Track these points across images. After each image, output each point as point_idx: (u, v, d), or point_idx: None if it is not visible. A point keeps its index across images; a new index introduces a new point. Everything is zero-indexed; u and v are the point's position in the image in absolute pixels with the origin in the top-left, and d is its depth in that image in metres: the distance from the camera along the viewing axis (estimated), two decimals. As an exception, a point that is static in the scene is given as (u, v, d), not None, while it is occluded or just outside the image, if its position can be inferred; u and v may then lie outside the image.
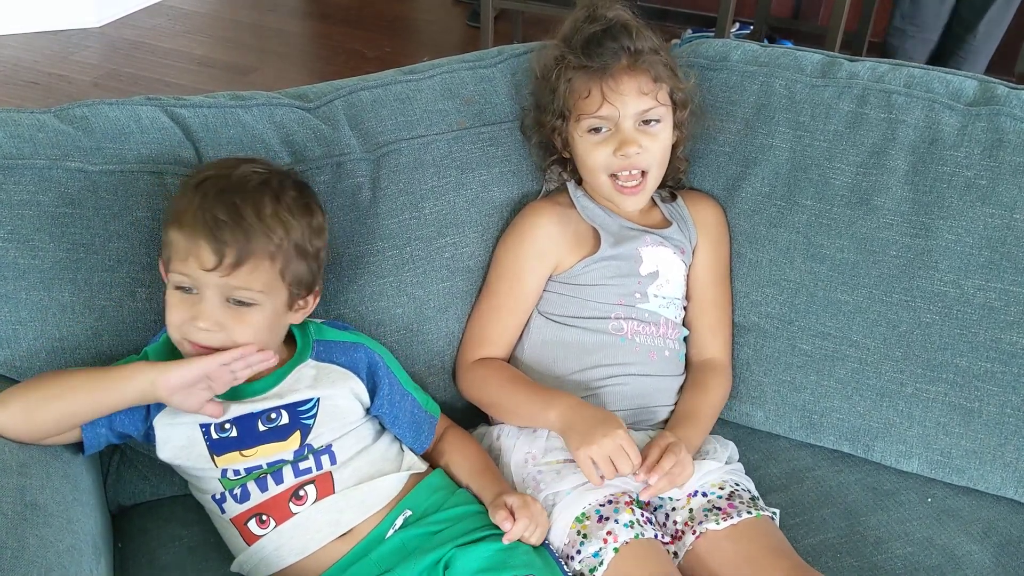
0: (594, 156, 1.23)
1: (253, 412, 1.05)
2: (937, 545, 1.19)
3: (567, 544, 1.10)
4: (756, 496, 1.20)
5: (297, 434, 1.06)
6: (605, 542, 1.07)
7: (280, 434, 1.06)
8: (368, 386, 1.13)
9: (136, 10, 4.01)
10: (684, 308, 1.33)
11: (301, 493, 1.05)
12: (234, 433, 1.05)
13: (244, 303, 1.00)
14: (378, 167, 1.26)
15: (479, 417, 1.31)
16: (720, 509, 1.14)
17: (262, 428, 1.05)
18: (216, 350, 1.00)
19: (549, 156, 1.32)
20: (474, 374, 1.27)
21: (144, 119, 1.17)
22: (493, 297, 1.29)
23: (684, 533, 1.14)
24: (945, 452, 1.27)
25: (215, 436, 1.04)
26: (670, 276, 1.29)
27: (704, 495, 1.17)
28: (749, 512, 1.13)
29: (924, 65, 1.37)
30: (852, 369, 1.30)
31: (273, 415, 1.06)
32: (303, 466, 1.06)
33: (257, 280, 1.00)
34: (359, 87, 1.31)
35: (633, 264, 1.27)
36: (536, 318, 1.29)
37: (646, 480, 1.10)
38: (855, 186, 1.29)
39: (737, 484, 1.19)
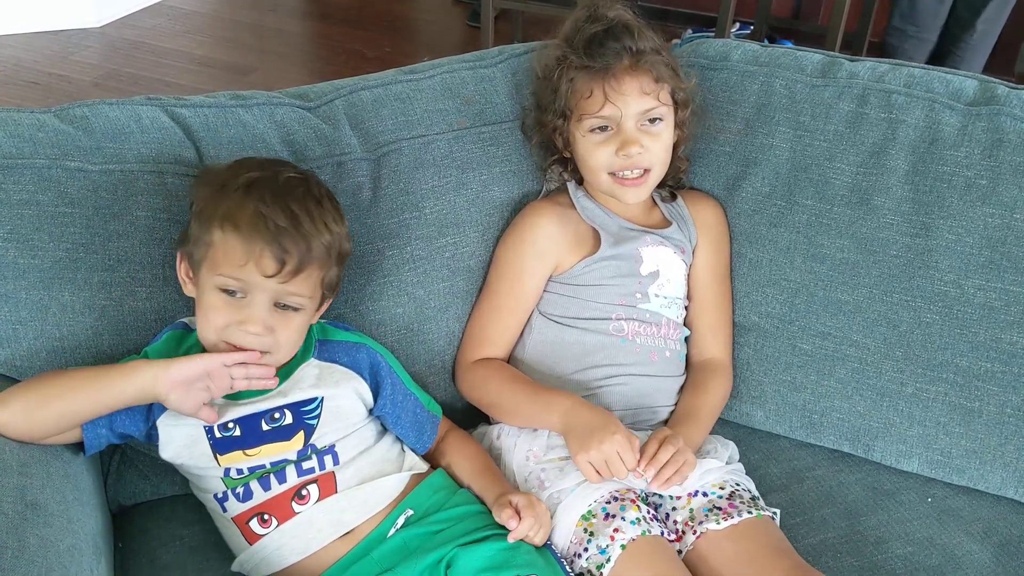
0: (596, 156, 1.23)
1: (256, 412, 1.05)
2: (937, 545, 1.19)
3: (574, 542, 1.10)
4: (756, 496, 1.20)
5: (301, 434, 1.06)
6: (612, 539, 1.07)
7: (284, 434, 1.06)
8: (371, 386, 1.13)
9: (136, 10, 4.01)
10: (685, 308, 1.33)
11: (304, 493, 1.05)
12: (237, 432, 1.05)
13: (290, 307, 1.02)
14: (379, 167, 1.26)
15: (479, 417, 1.31)
16: (721, 509, 1.14)
17: (265, 428, 1.05)
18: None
19: (550, 156, 1.32)
20: (474, 374, 1.27)
21: (144, 119, 1.17)
22: (493, 297, 1.29)
23: (685, 533, 1.14)
24: (945, 452, 1.27)
25: (218, 435, 1.04)
26: (671, 276, 1.29)
27: (705, 495, 1.17)
28: (750, 512, 1.13)
29: (924, 65, 1.37)
30: (852, 369, 1.30)
31: (277, 415, 1.06)
32: (306, 466, 1.06)
33: (307, 286, 1.02)
34: (360, 87, 1.32)
35: (633, 264, 1.27)
36: (537, 318, 1.29)
37: (644, 475, 1.10)
38: (855, 186, 1.29)
39: (738, 484, 1.19)
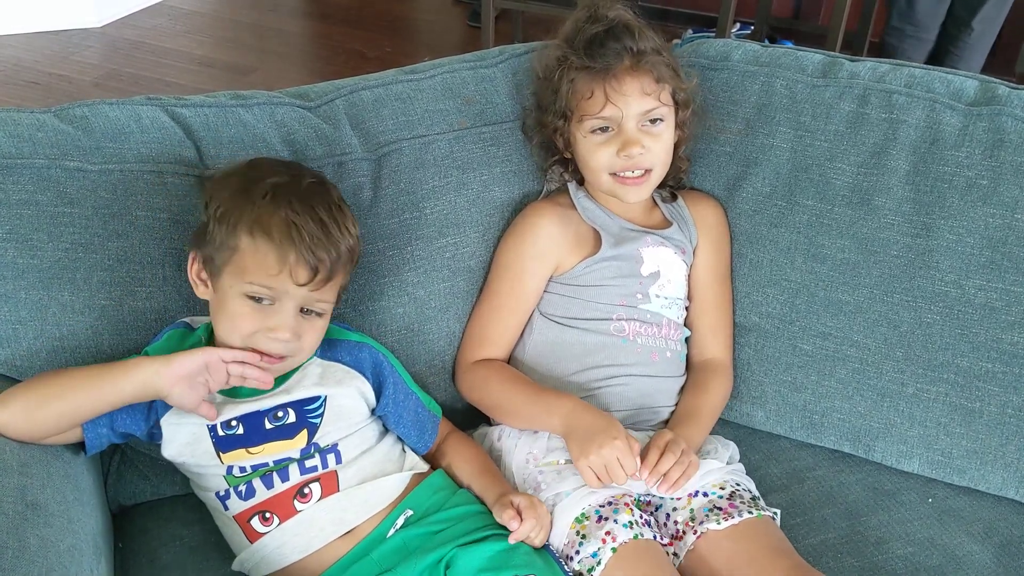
0: (597, 156, 1.23)
1: (260, 410, 1.06)
2: (938, 545, 1.19)
3: (566, 544, 1.10)
4: (757, 496, 1.20)
5: (304, 432, 1.06)
6: (604, 542, 1.07)
7: (287, 432, 1.06)
8: (374, 386, 1.13)
9: (137, 10, 4.01)
10: (685, 309, 1.33)
11: (306, 491, 1.06)
12: (240, 431, 1.05)
13: (314, 312, 1.04)
14: (379, 167, 1.26)
15: (480, 417, 1.31)
16: (721, 509, 1.14)
17: (269, 426, 1.06)
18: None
19: (550, 156, 1.32)
20: (474, 375, 1.27)
21: (144, 119, 1.17)
22: (494, 297, 1.29)
23: (685, 533, 1.14)
24: (946, 452, 1.27)
25: (221, 433, 1.05)
26: (671, 276, 1.29)
27: (705, 495, 1.16)
28: (750, 512, 1.13)
29: (925, 65, 1.37)
30: (853, 369, 1.30)
31: (280, 413, 1.06)
32: (309, 464, 1.06)
33: (333, 292, 1.06)
34: (360, 87, 1.31)
35: (634, 264, 1.27)
36: (538, 319, 1.28)
37: (647, 482, 1.11)
38: (856, 186, 1.29)
39: (738, 484, 1.19)
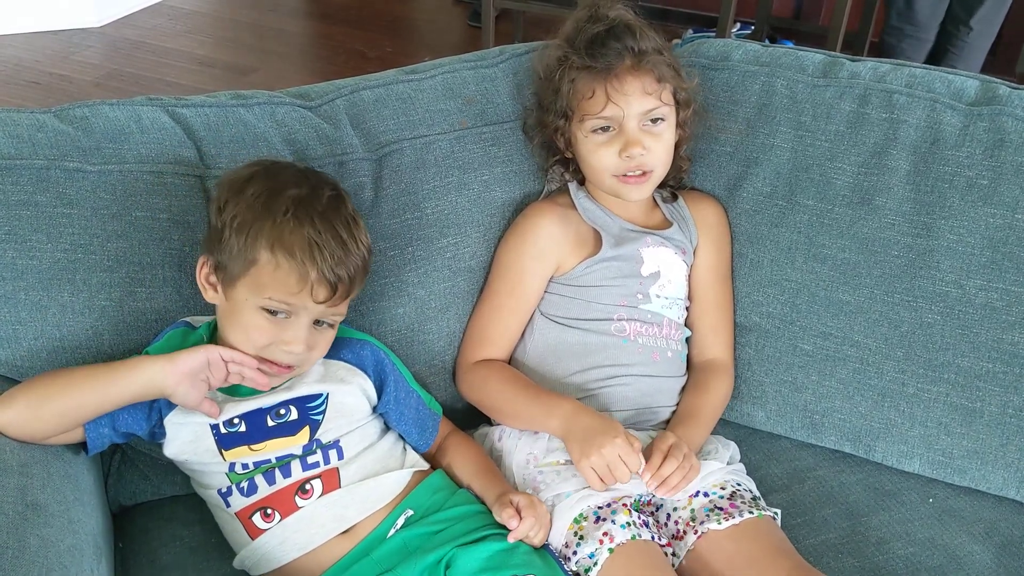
0: (598, 157, 1.23)
1: (262, 408, 1.06)
2: (939, 545, 1.19)
3: (564, 545, 1.10)
4: (757, 496, 1.20)
5: (306, 429, 1.07)
6: (601, 543, 1.07)
7: (289, 429, 1.06)
8: (375, 383, 1.13)
9: (137, 10, 4.02)
10: (686, 309, 1.33)
11: (307, 487, 1.06)
12: (243, 428, 1.05)
13: (327, 323, 1.05)
14: (380, 167, 1.26)
15: (480, 417, 1.31)
16: (722, 509, 1.14)
17: (271, 423, 1.06)
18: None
19: (551, 156, 1.32)
20: (475, 376, 1.27)
21: (145, 119, 1.17)
22: (494, 297, 1.29)
23: (686, 533, 1.14)
24: (947, 452, 1.27)
25: (223, 431, 1.05)
26: (671, 276, 1.29)
27: (705, 495, 1.16)
28: (751, 512, 1.13)
29: (925, 65, 1.37)
30: (853, 369, 1.30)
31: (282, 410, 1.06)
32: (311, 460, 1.06)
33: (347, 304, 1.06)
34: (361, 86, 1.31)
35: (634, 265, 1.27)
36: (538, 319, 1.28)
37: (647, 484, 1.11)
38: (856, 186, 1.29)
39: (739, 484, 1.19)
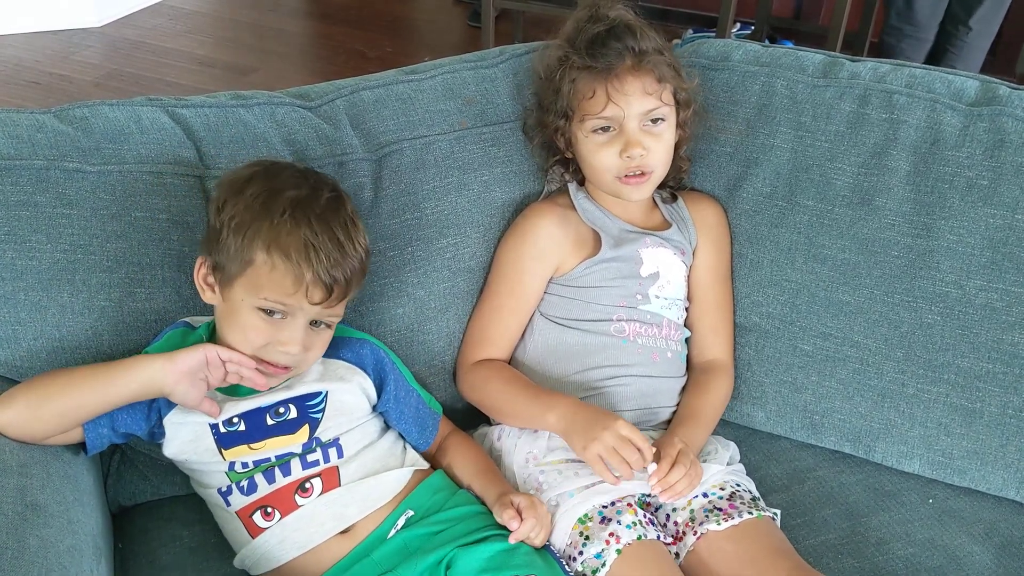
0: (599, 157, 1.23)
1: (261, 406, 1.06)
2: (939, 546, 1.19)
3: (569, 545, 1.10)
4: (757, 497, 1.20)
5: (306, 427, 1.07)
6: (608, 543, 1.07)
7: (289, 428, 1.06)
8: (375, 382, 1.13)
9: (137, 10, 4.01)
10: (685, 309, 1.33)
11: (307, 486, 1.06)
12: (242, 427, 1.05)
13: (324, 324, 1.05)
14: (380, 167, 1.26)
15: (480, 417, 1.31)
16: (721, 510, 1.14)
17: (270, 422, 1.06)
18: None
19: (551, 157, 1.32)
20: (474, 376, 1.27)
21: (144, 119, 1.17)
22: (494, 297, 1.29)
23: (685, 534, 1.14)
24: (946, 453, 1.27)
25: (223, 430, 1.05)
26: (671, 277, 1.29)
27: (705, 496, 1.16)
28: (750, 513, 1.13)
29: (925, 65, 1.36)
30: (853, 370, 1.30)
31: (282, 409, 1.06)
32: (311, 459, 1.07)
33: (344, 305, 1.06)
34: (361, 87, 1.31)
35: (633, 266, 1.27)
36: (538, 320, 1.28)
37: (652, 488, 1.11)
38: (856, 186, 1.29)
39: (738, 485, 1.19)
